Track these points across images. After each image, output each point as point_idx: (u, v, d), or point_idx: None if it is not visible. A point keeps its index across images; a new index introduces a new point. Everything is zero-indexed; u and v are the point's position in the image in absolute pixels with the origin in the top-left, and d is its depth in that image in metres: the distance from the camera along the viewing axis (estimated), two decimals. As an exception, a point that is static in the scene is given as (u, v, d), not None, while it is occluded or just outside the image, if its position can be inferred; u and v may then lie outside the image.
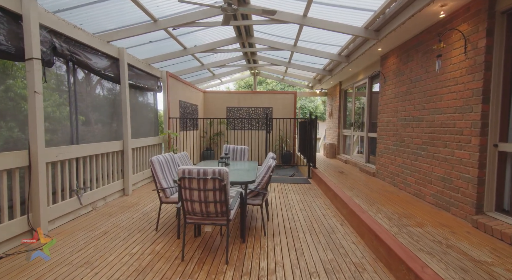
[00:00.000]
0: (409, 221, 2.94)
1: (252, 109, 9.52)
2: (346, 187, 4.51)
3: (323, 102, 18.02)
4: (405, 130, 4.19)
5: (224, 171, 2.32)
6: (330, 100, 9.39)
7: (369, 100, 6.11)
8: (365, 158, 6.22)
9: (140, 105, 5.62)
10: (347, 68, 6.14)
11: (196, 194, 2.38)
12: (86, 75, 3.97)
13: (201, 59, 6.81)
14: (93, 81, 4.16)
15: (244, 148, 4.77)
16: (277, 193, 4.96)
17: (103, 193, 4.13)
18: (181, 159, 3.82)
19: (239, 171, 3.57)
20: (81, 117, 3.98)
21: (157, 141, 6.09)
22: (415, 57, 3.96)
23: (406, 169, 4.13)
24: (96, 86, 4.25)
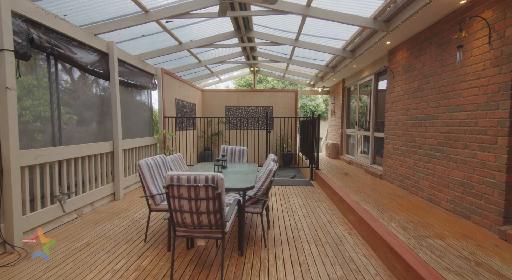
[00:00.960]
0: (427, 231, 2.63)
1: (252, 108, 9.22)
2: (353, 190, 4.20)
3: (324, 101, 17.69)
4: (417, 129, 3.87)
5: (219, 177, 2.01)
6: (332, 99, 9.07)
7: (375, 98, 5.80)
8: (371, 159, 5.91)
9: (133, 104, 5.30)
10: (352, 64, 5.83)
11: (187, 203, 2.07)
12: (72, 70, 3.66)
13: (198, 56, 6.49)
14: (80, 77, 3.85)
15: (243, 149, 4.46)
16: (278, 197, 4.65)
17: (91, 198, 3.82)
18: (174, 162, 3.51)
19: (237, 174, 3.25)
20: (74, 117, 3.67)
21: (152, 141, 5.78)
22: (428, 50, 3.65)
23: (418, 171, 3.81)
24: (84, 83, 3.94)
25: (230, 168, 3.62)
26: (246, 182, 2.76)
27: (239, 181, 2.90)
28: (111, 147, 4.30)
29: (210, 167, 3.63)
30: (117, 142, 4.34)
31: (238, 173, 3.38)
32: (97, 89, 4.23)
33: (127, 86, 4.99)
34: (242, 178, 3.00)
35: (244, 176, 3.10)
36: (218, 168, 3.15)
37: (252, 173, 3.24)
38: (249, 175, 3.09)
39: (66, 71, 3.56)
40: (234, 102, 9.24)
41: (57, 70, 3.35)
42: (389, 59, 4.79)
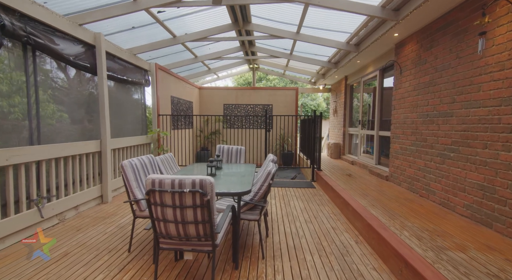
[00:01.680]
0: (446, 242, 2.33)
1: (251, 106, 8.93)
2: (358, 193, 3.90)
3: (325, 99, 17.38)
4: (428, 128, 3.58)
5: (207, 181, 1.71)
6: (334, 97, 8.77)
7: (380, 95, 5.50)
8: (376, 159, 5.62)
9: (125, 101, 5.01)
10: (356, 59, 5.53)
11: (171, 212, 1.78)
12: (57, 64, 3.36)
13: (194, 51, 6.19)
14: (66, 71, 3.56)
15: (240, 148, 4.16)
16: (278, 200, 4.36)
17: (75, 201, 3.53)
18: (163, 162, 3.21)
19: (231, 177, 2.96)
20: (64, 115, 3.38)
21: (145, 141, 5.48)
22: (441, 41, 3.35)
23: (430, 173, 3.52)
24: (72, 77, 3.64)
25: (225, 169, 3.33)
26: (242, 185, 2.47)
27: (234, 184, 2.61)
28: (99, 146, 4.00)
29: (204, 168, 3.33)
30: (105, 141, 4.04)
31: (234, 175, 3.09)
32: (86, 85, 3.93)
33: (117, 82, 4.70)
34: (238, 181, 2.71)
35: (239, 179, 2.81)
36: (212, 169, 2.86)
37: (249, 175, 2.94)
38: (246, 178, 2.79)
39: (52, 64, 3.27)
40: (232, 100, 8.95)
41: (35, 62, 3.05)
42: (396, 53, 4.49)
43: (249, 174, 2.97)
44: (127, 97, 5.08)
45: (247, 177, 2.84)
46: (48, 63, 3.29)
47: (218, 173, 3.02)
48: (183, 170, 3.30)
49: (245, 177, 2.82)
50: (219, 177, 2.83)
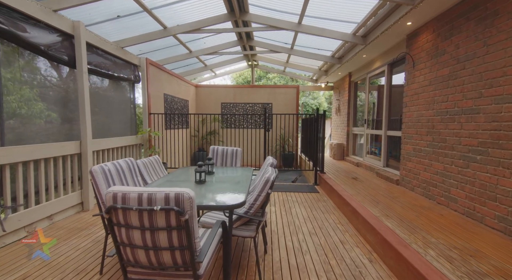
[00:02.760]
0: (482, 264, 1.92)
1: (249, 105, 8.52)
2: (367, 200, 3.49)
3: (326, 98, 16.96)
4: (448, 127, 3.16)
5: (186, 196, 1.31)
6: (337, 95, 8.36)
7: (388, 91, 5.09)
8: (383, 161, 5.20)
9: (112, 98, 4.60)
10: (362, 53, 5.12)
11: (139, 235, 1.37)
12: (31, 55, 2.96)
13: (189, 45, 5.78)
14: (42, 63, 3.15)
15: (236, 150, 3.75)
16: (278, 206, 3.95)
17: (49, 210, 3.12)
18: (146, 166, 2.80)
19: (224, 184, 2.54)
20: (54, 114, 2.97)
21: (135, 141, 5.07)
22: (464, 28, 2.94)
23: (450, 178, 3.11)
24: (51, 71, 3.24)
25: (218, 174, 2.92)
26: (235, 195, 2.06)
27: (226, 194, 2.19)
28: (78, 147, 3.59)
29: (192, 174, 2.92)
30: (85, 142, 3.63)
31: (227, 181, 2.67)
32: (69, 80, 3.52)
33: (103, 77, 4.29)
34: (230, 189, 2.30)
35: (233, 186, 2.40)
36: (200, 175, 2.44)
37: (245, 181, 2.53)
38: (240, 185, 2.38)
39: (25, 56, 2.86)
40: (230, 99, 8.55)
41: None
42: (408, 44, 4.08)
43: (245, 180, 2.56)
44: (114, 95, 4.68)
45: (242, 184, 2.43)
46: (22, 56, 2.88)
47: (209, 179, 2.61)
48: (170, 175, 2.89)
49: (240, 184, 2.41)
50: (209, 184, 2.41)
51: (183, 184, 2.49)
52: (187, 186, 2.37)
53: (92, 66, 3.88)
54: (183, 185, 2.47)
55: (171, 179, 2.67)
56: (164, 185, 2.39)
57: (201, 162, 2.49)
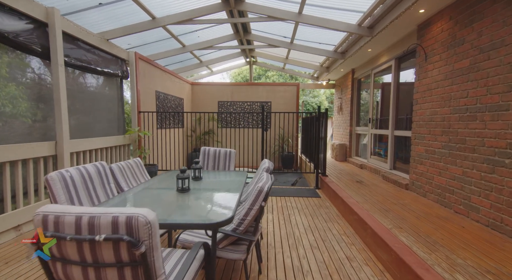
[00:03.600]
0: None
1: (247, 104, 8.15)
2: (376, 208, 3.12)
3: (327, 97, 16.57)
4: (468, 126, 2.79)
5: (141, 221, 0.94)
6: (339, 93, 7.99)
7: (395, 88, 4.72)
8: (390, 163, 4.83)
9: (98, 95, 4.24)
10: (367, 47, 4.74)
11: (79, 273, 1.00)
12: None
13: (181, 39, 5.41)
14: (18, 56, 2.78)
15: (229, 151, 3.39)
16: (276, 214, 3.58)
17: (15, 220, 2.75)
18: (123, 171, 2.43)
19: (210, 193, 2.17)
20: None
21: (122, 141, 4.71)
22: (489, 12, 2.57)
23: (471, 184, 2.74)
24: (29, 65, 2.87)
25: (207, 180, 2.55)
26: (221, 208, 1.70)
27: (210, 206, 1.82)
28: (53, 149, 3.22)
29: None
30: (61, 143, 3.26)
31: (215, 189, 2.30)
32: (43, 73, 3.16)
33: (85, 71, 3.92)
34: (217, 200, 1.93)
35: (221, 196, 2.03)
36: (183, 182, 2.07)
37: (236, 189, 2.16)
38: (229, 195, 2.02)
39: None
40: (227, 97, 8.18)
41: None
42: (420, 35, 3.71)
43: (236, 188, 2.19)
44: (99, 91, 4.31)
45: (232, 193, 2.06)
46: None
47: (195, 186, 2.24)
48: (152, 180, 2.52)
49: (229, 194, 2.04)
50: (193, 193, 2.04)
51: (163, 193, 2.13)
52: (166, 195, 2.00)
53: (71, 59, 3.51)
54: (163, 193, 2.10)
55: (150, 185, 2.30)
56: (140, 194, 2.03)
57: (184, 167, 2.12)
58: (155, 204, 1.84)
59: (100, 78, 4.33)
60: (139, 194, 2.02)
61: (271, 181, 1.84)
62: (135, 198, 1.94)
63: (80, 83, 3.90)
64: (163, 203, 1.87)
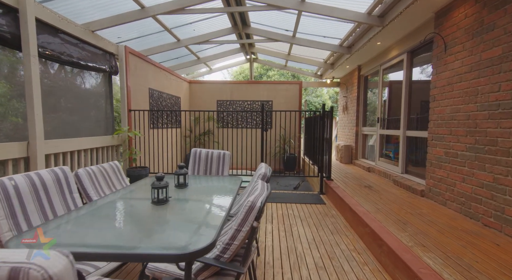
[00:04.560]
0: None
1: (248, 103, 7.78)
2: (390, 218, 2.72)
3: (331, 97, 16.15)
4: (500, 124, 2.39)
5: (34, 276, 0.55)
6: (344, 91, 7.59)
7: (407, 85, 4.31)
8: (401, 167, 4.42)
9: (82, 92, 3.89)
10: (376, 39, 4.35)
11: None
12: None
13: (175, 32, 5.05)
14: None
15: (223, 154, 3.01)
16: (276, 224, 3.19)
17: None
18: (93, 178, 2.05)
19: (193, 205, 1.79)
20: None
21: (110, 142, 4.35)
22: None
23: (505, 192, 2.32)
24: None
25: (193, 187, 2.16)
26: (202, 228, 1.31)
27: (187, 226, 1.43)
28: (25, 150, 2.86)
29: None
30: (34, 143, 2.90)
31: (199, 200, 1.92)
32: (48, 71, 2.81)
33: (66, 65, 3.57)
34: (199, 216, 1.54)
35: (205, 210, 1.64)
36: (158, 193, 1.68)
37: (225, 200, 1.78)
38: (216, 209, 1.63)
39: None
40: (227, 96, 7.82)
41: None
42: (438, 24, 3.31)
43: (226, 199, 1.81)
44: (84, 88, 3.95)
45: (219, 206, 1.68)
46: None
47: (177, 196, 1.86)
48: (129, 187, 2.14)
49: (216, 208, 1.66)
50: (171, 206, 1.66)
51: (135, 205, 1.75)
52: (137, 209, 1.62)
53: (48, 51, 3.16)
54: (135, 206, 1.72)
55: (124, 195, 1.93)
56: (104, 209, 1.65)
57: (162, 173, 1.74)
58: (117, 223, 1.47)
59: (86, 73, 3.98)
60: (103, 208, 1.64)
61: (267, 191, 1.46)
62: (92, 216, 1.53)
63: (62, 78, 3.55)
64: (129, 221, 1.49)
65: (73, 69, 3.75)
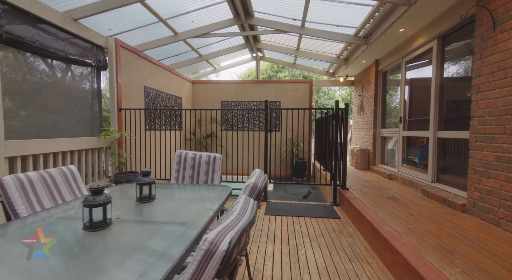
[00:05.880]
0: None
1: (254, 104, 7.25)
2: (428, 243, 2.06)
3: (344, 99, 15.38)
4: None
5: None
6: (359, 90, 6.91)
7: (438, 75, 3.63)
8: (431, 174, 3.72)
9: (64, 88, 3.47)
10: (398, 25, 3.71)
11: None
12: None
13: (171, 23, 4.60)
14: None
15: (214, 157, 2.45)
16: (278, 243, 2.58)
17: None
18: (26, 188, 1.53)
19: (142, 235, 1.21)
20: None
21: (96, 144, 3.90)
22: None
23: None
24: None
25: (161, 202, 1.60)
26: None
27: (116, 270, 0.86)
28: (-22, 152, 2.42)
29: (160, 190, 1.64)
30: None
31: (156, 224, 1.34)
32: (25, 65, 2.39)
33: (42, 57, 3.15)
34: (135, 266, 0.97)
35: (155, 245, 1.07)
36: (91, 214, 1.13)
37: (193, 228, 1.21)
38: (174, 247, 1.06)
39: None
40: (232, 96, 7.32)
41: None
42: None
43: (189, 231, 1.24)
44: (67, 83, 3.53)
45: (180, 239, 1.10)
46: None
47: (128, 217, 1.31)
48: (80, 199, 1.61)
49: (173, 245, 1.09)
50: (109, 233, 1.11)
51: (67, 227, 1.20)
52: (65, 234, 1.07)
53: (14, 37, 2.73)
54: (65, 229, 1.18)
55: (60, 212, 1.39)
56: (15, 232, 1.11)
57: (95, 186, 1.19)
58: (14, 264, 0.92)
59: (71, 67, 3.57)
60: (13, 233, 1.10)
61: (248, 218, 0.88)
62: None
63: (39, 71, 3.14)
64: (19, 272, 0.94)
65: (52, 61, 3.33)
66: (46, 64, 3.26)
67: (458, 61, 3.42)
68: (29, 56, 3.04)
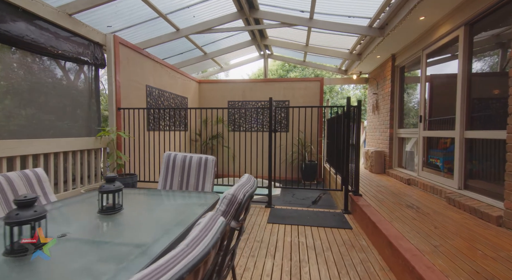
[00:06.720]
0: None
1: (261, 104, 6.96)
2: (460, 266, 1.68)
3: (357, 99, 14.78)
4: None
5: None
6: (374, 88, 6.46)
7: (466, 67, 3.19)
8: (458, 181, 3.27)
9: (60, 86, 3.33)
10: (419, 12, 3.31)
11: None
12: None
13: (172, 19, 4.40)
14: None
15: (206, 159, 2.17)
16: (279, 258, 2.26)
17: None
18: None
19: (79, 264, 0.93)
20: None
21: (92, 145, 3.74)
22: None
23: None
24: None
25: (129, 213, 1.34)
26: None
27: None
28: (-44, 152, 2.26)
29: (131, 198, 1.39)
30: (-31, 144, 2.29)
31: (105, 244, 1.06)
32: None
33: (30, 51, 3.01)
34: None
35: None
36: (12, 240, 0.87)
37: (132, 266, 0.91)
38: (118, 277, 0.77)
39: None
40: (239, 96, 7.07)
41: None
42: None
43: (141, 259, 0.95)
44: (62, 81, 3.39)
45: (118, 276, 0.82)
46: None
47: (74, 237, 1.04)
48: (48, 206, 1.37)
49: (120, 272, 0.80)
50: (37, 261, 0.84)
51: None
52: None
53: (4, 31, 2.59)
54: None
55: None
56: None
57: (30, 193, 0.94)
58: None
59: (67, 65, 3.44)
60: None
61: (195, 256, 0.58)
62: None
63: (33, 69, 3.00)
64: None
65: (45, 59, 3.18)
66: (39, 61, 3.12)
67: (489, 52, 2.98)
68: (20, 52, 2.90)
